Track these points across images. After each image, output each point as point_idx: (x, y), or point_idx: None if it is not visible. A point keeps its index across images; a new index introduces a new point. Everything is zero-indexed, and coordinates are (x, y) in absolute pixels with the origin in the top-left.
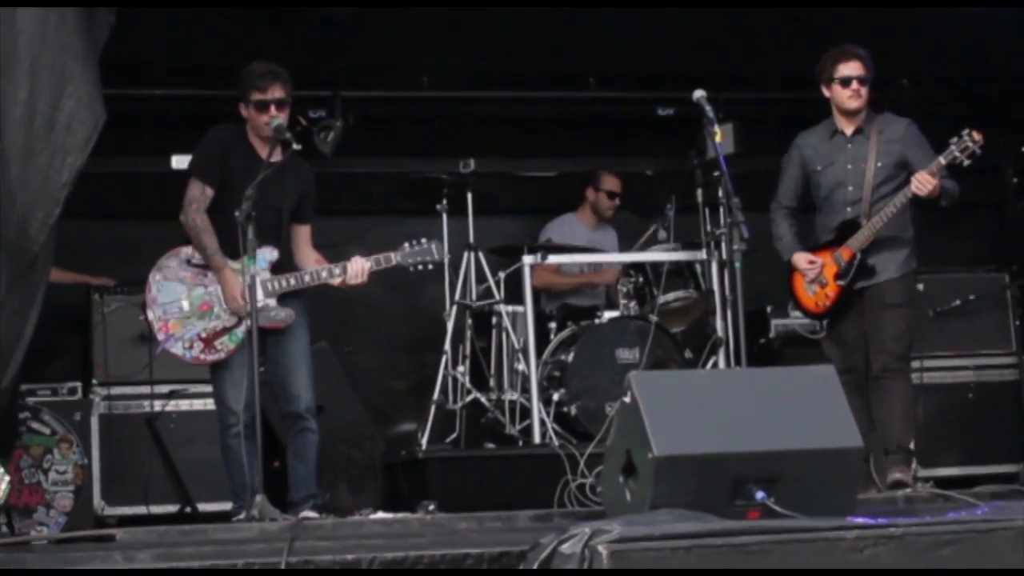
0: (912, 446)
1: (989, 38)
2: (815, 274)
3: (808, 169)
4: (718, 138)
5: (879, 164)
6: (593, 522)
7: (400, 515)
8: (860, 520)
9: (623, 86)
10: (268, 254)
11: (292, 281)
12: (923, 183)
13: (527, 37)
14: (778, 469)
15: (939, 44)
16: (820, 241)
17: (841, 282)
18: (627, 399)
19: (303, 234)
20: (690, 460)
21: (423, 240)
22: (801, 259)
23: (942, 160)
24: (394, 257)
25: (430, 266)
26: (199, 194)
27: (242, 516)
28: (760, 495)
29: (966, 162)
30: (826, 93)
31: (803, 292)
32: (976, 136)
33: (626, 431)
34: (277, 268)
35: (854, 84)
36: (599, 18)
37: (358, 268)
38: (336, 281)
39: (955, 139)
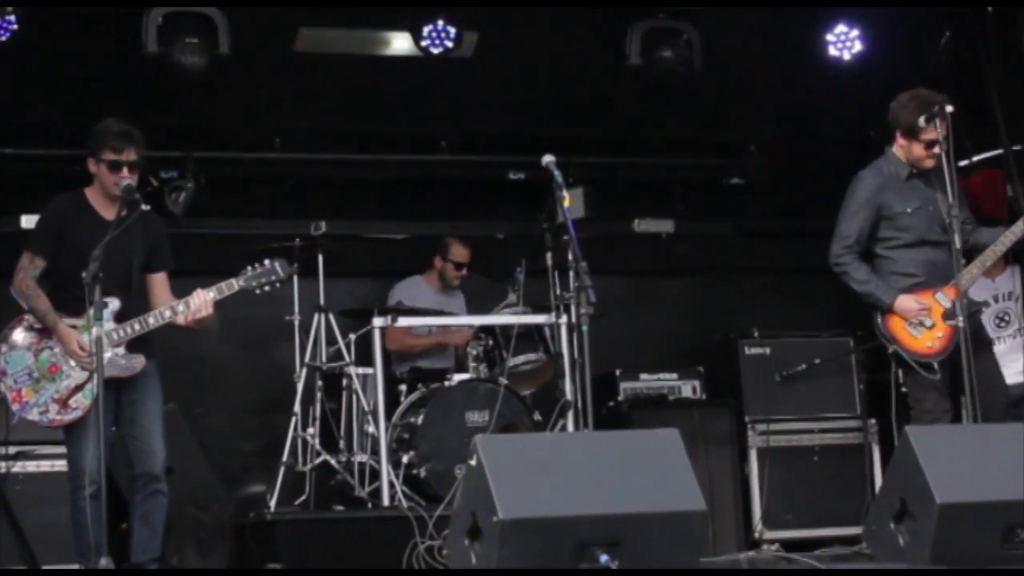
0: None
1: (837, 111)
2: (925, 315)
3: (888, 212)
4: (567, 203)
5: (950, 203)
6: None
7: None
8: None
9: (474, 150)
10: (110, 304)
11: (136, 326)
12: None
13: (379, 99)
14: (622, 532)
15: (789, 114)
16: (912, 283)
17: (951, 322)
18: (473, 462)
19: (158, 282)
20: (535, 523)
21: (265, 261)
22: (911, 302)
23: None
24: (236, 283)
25: (277, 285)
26: (28, 264)
27: None
28: (604, 558)
29: None
30: (900, 140)
31: (908, 334)
32: None
33: (472, 494)
34: (123, 318)
35: (936, 148)
36: (451, 81)
37: (200, 300)
38: (181, 319)
39: None
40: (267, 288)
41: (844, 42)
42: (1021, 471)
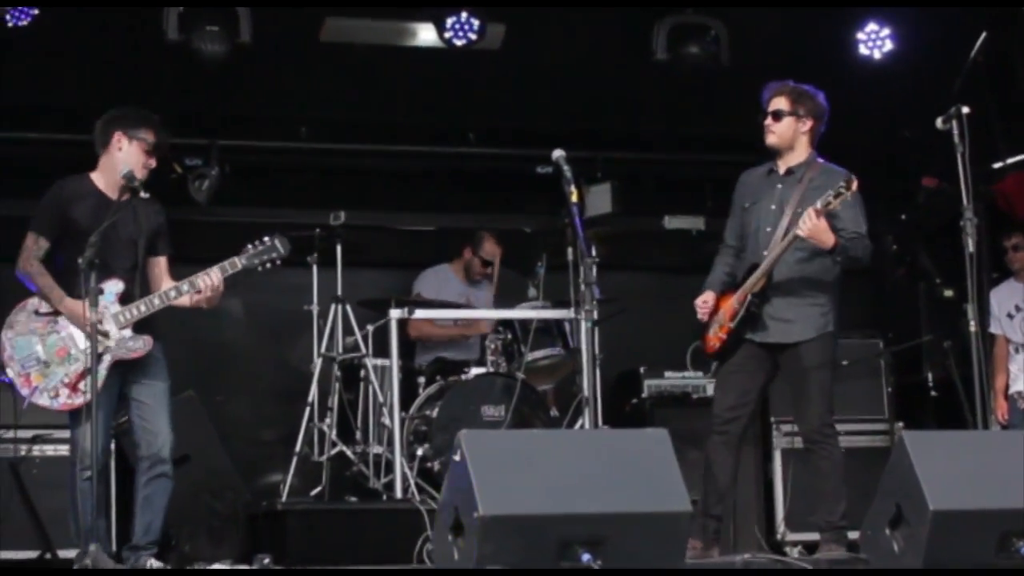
0: (842, 520)
1: (871, 106)
2: (702, 314)
3: (741, 207)
4: (574, 198)
5: (798, 210)
6: None
7: (234, 567)
8: None
9: (501, 143)
10: (114, 287)
11: (142, 307)
12: (805, 220)
13: (405, 90)
14: (605, 531)
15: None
16: (737, 281)
17: (731, 324)
18: (456, 457)
19: (160, 265)
20: (516, 520)
21: (265, 239)
22: (700, 297)
23: (819, 204)
24: (239, 261)
25: (278, 262)
26: (32, 244)
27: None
28: (586, 557)
29: (837, 206)
30: None
31: (706, 330)
32: (851, 182)
33: (455, 489)
34: (128, 300)
35: (768, 119)
36: (478, 73)
37: (210, 282)
38: (186, 300)
39: (838, 184)
40: (268, 265)
41: (875, 41)
42: (1018, 479)
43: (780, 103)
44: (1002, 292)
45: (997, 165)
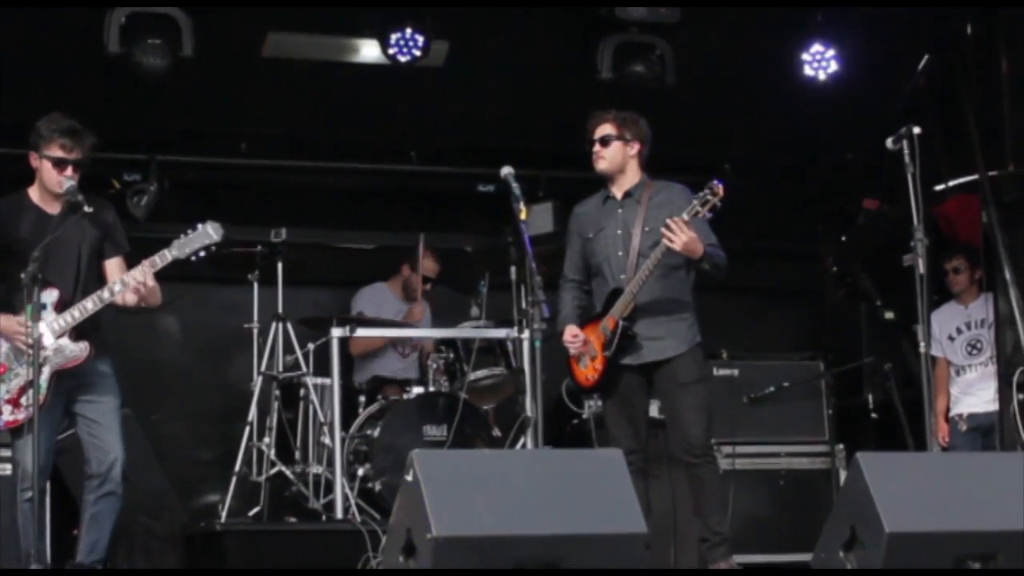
0: (728, 531)
1: (812, 131)
2: (576, 348)
3: (583, 238)
4: (523, 216)
5: (646, 229)
6: None
7: None
8: None
9: (443, 161)
10: (49, 296)
11: (76, 313)
12: (672, 230)
13: (347, 107)
14: (560, 553)
15: (763, 131)
16: (594, 313)
17: (607, 353)
18: (409, 477)
19: (113, 267)
20: (470, 541)
21: (198, 225)
22: (566, 333)
23: (685, 215)
24: (169, 253)
25: (212, 248)
26: None
27: None
28: None
29: (708, 215)
30: None
31: (575, 366)
32: (717, 189)
33: (407, 509)
34: (68, 308)
35: (596, 146)
36: (421, 91)
37: (136, 276)
38: (120, 299)
39: (699, 193)
40: (203, 254)
41: (820, 62)
42: (975, 501)
43: (607, 129)
44: (943, 314)
45: (939, 187)
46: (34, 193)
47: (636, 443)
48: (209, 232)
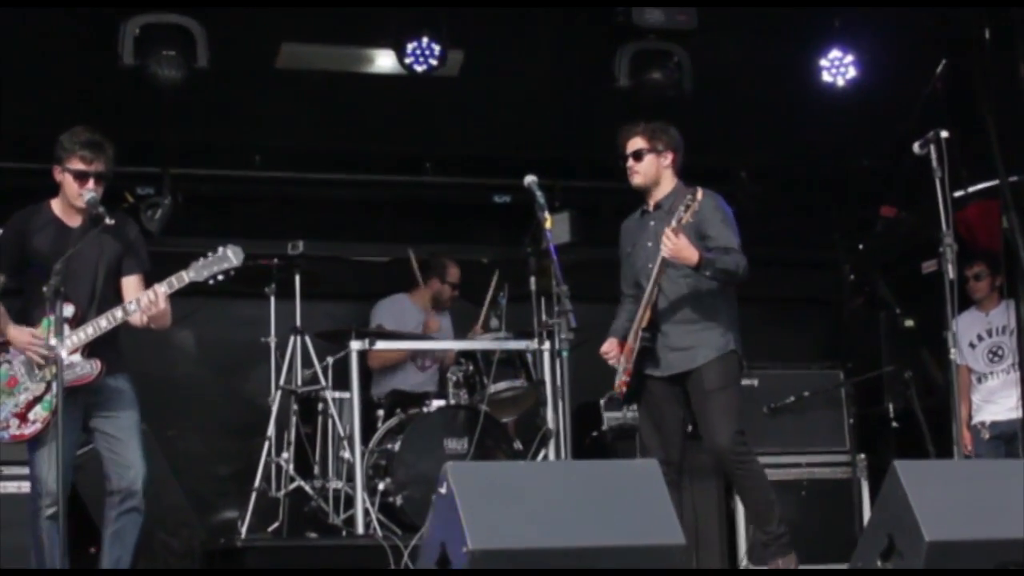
0: (781, 528)
1: (829, 137)
2: (612, 360)
3: (625, 253)
4: (548, 225)
5: None
6: None
7: None
8: None
9: (459, 171)
10: (64, 311)
11: (90, 330)
12: (664, 241)
13: (362, 118)
14: (597, 564)
15: (781, 139)
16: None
17: (629, 365)
18: (443, 490)
19: (131, 285)
20: (506, 554)
21: (218, 248)
22: (603, 346)
23: (673, 223)
24: (186, 275)
25: (231, 273)
26: None
27: None
28: None
29: (688, 219)
30: None
31: (617, 377)
32: (696, 194)
33: (441, 523)
34: (82, 324)
35: (629, 161)
36: (436, 101)
37: (150, 296)
38: (135, 319)
39: (685, 199)
40: (221, 278)
41: (838, 67)
42: (1013, 508)
43: (638, 143)
44: (963, 321)
45: (958, 193)
46: (56, 206)
47: (665, 454)
48: (229, 256)
